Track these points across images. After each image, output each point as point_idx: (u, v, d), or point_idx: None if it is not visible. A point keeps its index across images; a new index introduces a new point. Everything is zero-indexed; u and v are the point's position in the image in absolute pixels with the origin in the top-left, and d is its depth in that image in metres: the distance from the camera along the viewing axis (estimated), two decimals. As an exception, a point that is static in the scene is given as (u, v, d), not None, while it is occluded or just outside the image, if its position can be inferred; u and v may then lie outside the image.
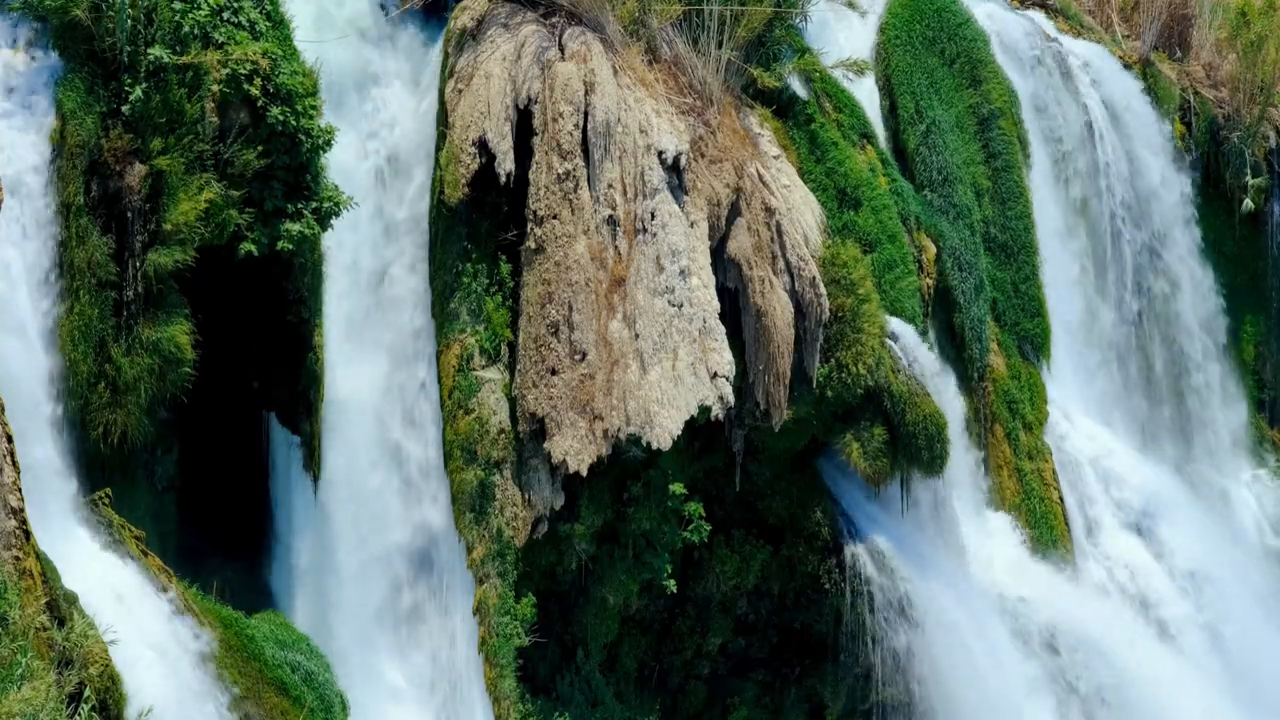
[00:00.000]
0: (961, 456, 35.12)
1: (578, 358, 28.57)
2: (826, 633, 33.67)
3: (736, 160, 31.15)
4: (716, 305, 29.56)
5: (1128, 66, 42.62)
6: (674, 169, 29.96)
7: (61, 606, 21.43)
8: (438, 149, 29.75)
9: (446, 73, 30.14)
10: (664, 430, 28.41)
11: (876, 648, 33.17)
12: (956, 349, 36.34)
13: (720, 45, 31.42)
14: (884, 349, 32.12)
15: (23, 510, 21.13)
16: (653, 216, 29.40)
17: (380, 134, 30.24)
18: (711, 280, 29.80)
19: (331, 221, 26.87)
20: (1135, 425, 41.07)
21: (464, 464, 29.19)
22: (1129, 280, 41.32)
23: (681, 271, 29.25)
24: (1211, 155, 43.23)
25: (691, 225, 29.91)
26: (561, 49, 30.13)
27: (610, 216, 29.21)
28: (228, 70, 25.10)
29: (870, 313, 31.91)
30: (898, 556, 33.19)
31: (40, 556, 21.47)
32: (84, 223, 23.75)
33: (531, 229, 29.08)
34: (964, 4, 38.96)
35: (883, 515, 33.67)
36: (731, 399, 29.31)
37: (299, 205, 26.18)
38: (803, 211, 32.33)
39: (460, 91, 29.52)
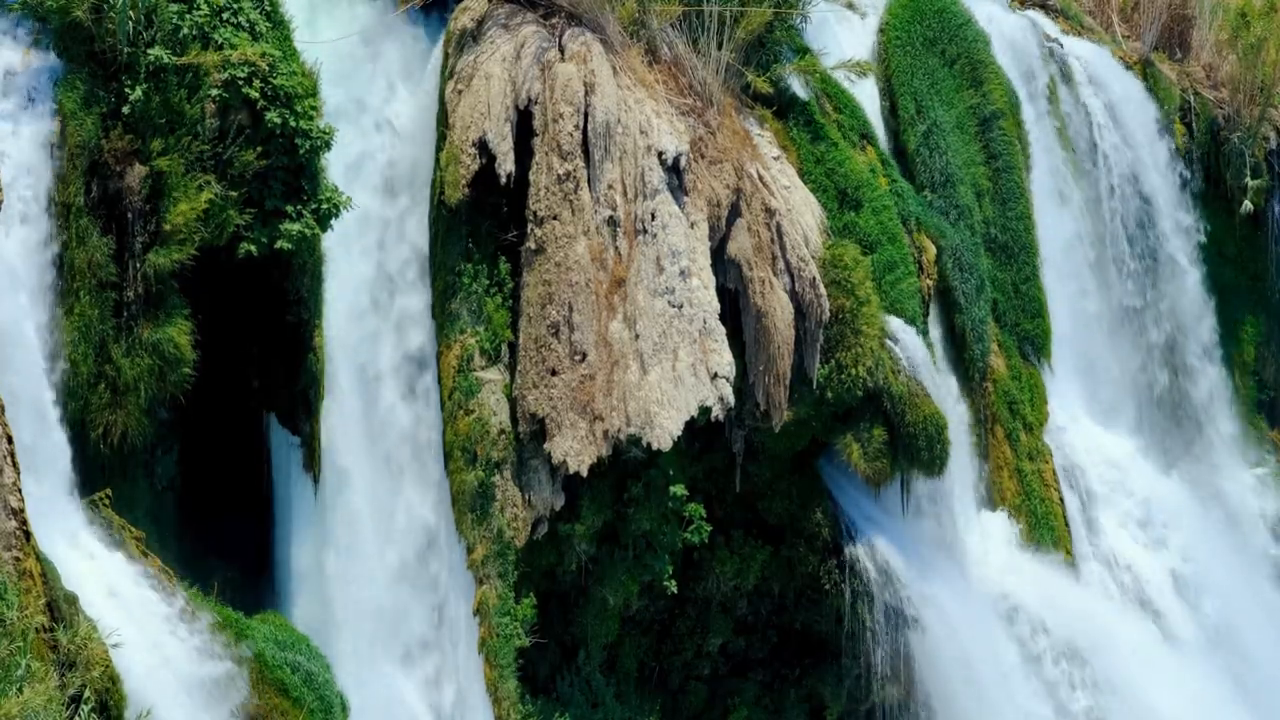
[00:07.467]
0: (962, 457, 35.11)
1: (578, 358, 28.59)
2: (827, 633, 33.68)
3: (736, 161, 31.16)
4: (716, 306, 29.57)
5: (1128, 67, 42.62)
6: (674, 170, 29.97)
7: (62, 607, 21.42)
8: (438, 149, 29.76)
9: (446, 73, 30.14)
10: (664, 431, 28.42)
11: (876, 648, 33.17)
12: (957, 350, 36.34)
13: (720, 46, 31.42)
14: (884, 350, 32.12)
15: (23, 511, 21.14)
16: (653, 217, 29.41)
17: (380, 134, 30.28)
18: (712, 281, 29.81)
19: (331, 222, 26.88)
20: (1135, 426, 41.07)
21: (464, 464, 29.20)
22: (1129, 280, 41.32)
23: (682, 272, 29.26)
24: (1212, 156, 43.23)
25: (692, 226, 29.92)
26: (561, 49, 30.14)
27: (610, 217, 29.23)
28: (225, 75, 25.11)
29: (870, 314, 31.91)
30: (898, 557, 33.19)
31: (40, 557, 21.47)
32: (84, 223, 23.76)
33: (532, 230, 29.09)
34: (964, 4, 38.95)
35: (883, 516, 33.67)
36: (731, 400, 29.32)
37: (298, 206, 26.19)
38: (803, 212, 32.34)
39: (460, 92, 29.53)
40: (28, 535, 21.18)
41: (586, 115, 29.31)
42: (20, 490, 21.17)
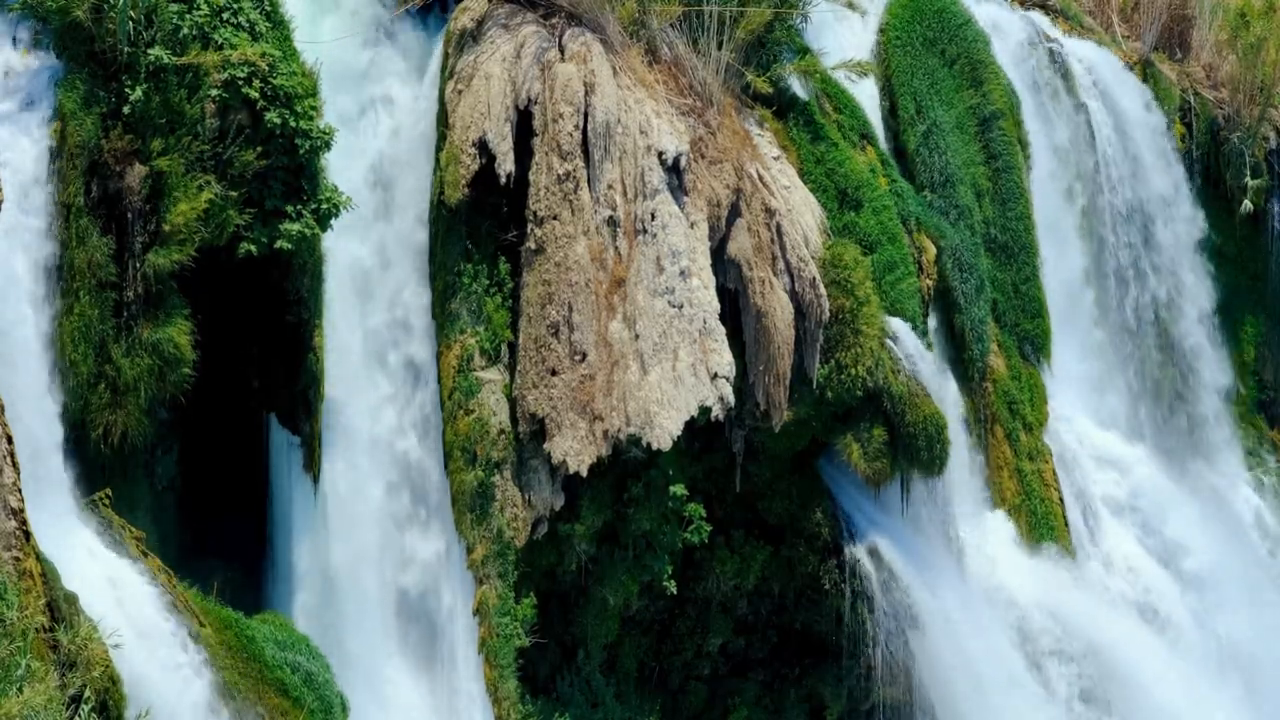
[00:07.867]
0: (962, 457, 35.12)
1: (578, 358, 28.59)
2: (827, 633, 33.68)
3: (736, 161, 31.16)
4: (716, 306, 29.57)
5: (1128, 67, 42.63)
6: (674, 170, 29.97)
7: (62, 607, 21.42)
8: (438, 149, 29.77)
9: (446, 73, 30.15)
10: (664, 431, 28.42)
11: (876, 648, 33.18)
12: (957, 349, 36.34)
13: (720, 46, 31.42)
14: (884, 350, 32.13)
15: (23, 511, 21.13)
16: (653, 217, 29.41)
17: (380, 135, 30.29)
18: (712, 281, 29.81)
19: (331, 222, 26.88)
20: (1135, 426, 41.05)
21: (464, 465, 29.21)
22: (1129, 281, 41.32)
23: (682, 272, 29.26)
24: (1212, 156, 43.26)
25: (691, 226, 29.92)
26: (561, 49, 30.14)
27: (610, 217, 29.23)
28: (225, 75, 25.12)
29: (870, 314, 31.92)
30: (897, 557, 33.20)
31: (40, 557, 21.47)
32: (84, 223, 23.76)
33: (531, 230, 29.10)
34: (964, 4, 38.95)
35: (883, 515, 33.68)
36: (731, 399, 29.32)
37: (298, 206, 26.20)
38: (803, 212, 32.35)
39: (460, 92, 29.53)
40: (28, 535, 21.18)
41: (586, 115, 29.31)
42: (20, 490, 21.17)
